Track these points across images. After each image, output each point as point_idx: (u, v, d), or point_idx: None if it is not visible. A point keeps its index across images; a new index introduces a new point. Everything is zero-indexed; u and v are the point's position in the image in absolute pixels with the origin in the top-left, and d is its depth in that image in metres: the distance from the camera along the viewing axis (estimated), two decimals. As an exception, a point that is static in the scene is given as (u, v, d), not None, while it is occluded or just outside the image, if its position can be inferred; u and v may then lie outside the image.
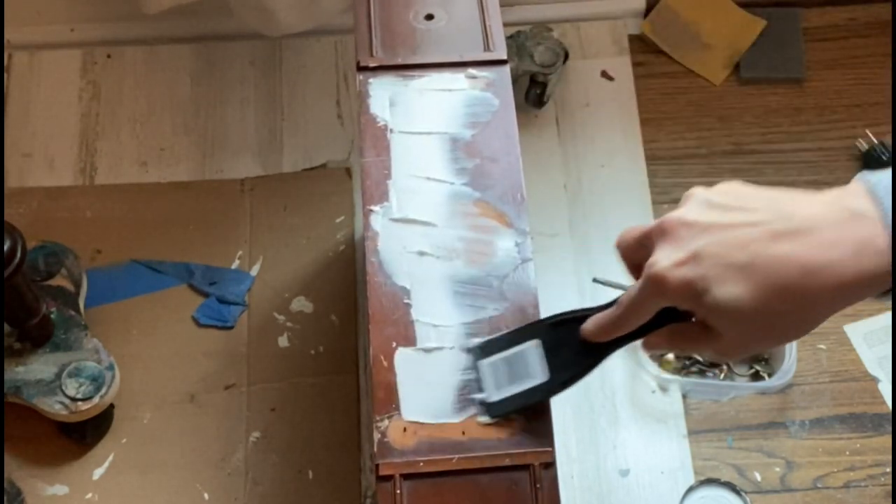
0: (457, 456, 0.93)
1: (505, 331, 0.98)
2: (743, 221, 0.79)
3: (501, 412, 0.95)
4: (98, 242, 1.46)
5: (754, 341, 0.81)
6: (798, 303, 0.77)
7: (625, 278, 1.40)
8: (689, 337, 0.87)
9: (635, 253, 0.89)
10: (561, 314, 0.96)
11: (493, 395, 0.95)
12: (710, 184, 1.49)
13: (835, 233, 0.76)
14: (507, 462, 0.93)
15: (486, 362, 0.97)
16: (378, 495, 0.92)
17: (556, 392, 0.95)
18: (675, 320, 0.88)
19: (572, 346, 0.94)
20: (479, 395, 0.96)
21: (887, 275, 0.74)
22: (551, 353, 0.95)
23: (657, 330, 0.89)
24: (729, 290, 0.78)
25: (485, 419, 0.95)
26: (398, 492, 0.92)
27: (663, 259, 0.81)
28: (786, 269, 0.76)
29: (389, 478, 0.92)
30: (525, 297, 1.00)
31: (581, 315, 0.95)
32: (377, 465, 0.93)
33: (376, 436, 0.94)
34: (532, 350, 0.96)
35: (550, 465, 0.93)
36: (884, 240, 0.74)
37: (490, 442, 0.94)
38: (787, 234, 0.77)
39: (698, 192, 0.84)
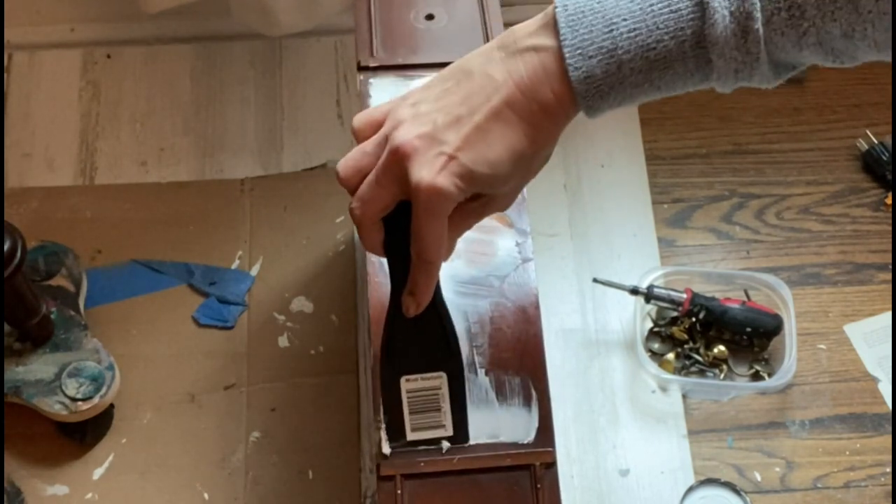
0: (458, 456, 0.93)
1: (381, 418, 0.95)
2: (459, 109, 0.84)
3: (465, 430, 0.95)
4: (98, 242, 1.46)
5: (517, 185, 0.88)
6: (542, 145, 0.85)
7: (625, 279, 1.41)
8: (469, 215, 0.90)
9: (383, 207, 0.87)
10: (382, 346, 0.93)
11: (446, 431, 0.94)
12: (711, 184, 1.51)
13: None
14: (508, 462, 0.93)
15: (409, 434, 0.95)
16: (379, 495, 0.92)
17: (460, 364, 0.94)
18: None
19: (417, 339, 0.93)
20: (443, 445, 0.94)
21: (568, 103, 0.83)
22: (418, 364, 0.94)
23: (448, 237, 0.88)
24: (489, 157, 0.82)
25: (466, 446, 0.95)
26: (399, 492, 0.92)
27: (425, 173, 0.82)
28: (528, 122, 0.83)
29: (391, 478, 0.93)
30: (526, 298, 1.00)
31: (391, 324, 0.92)
32: (378, 465, 0.93)
33: (377, 436, 0.94)
34: (409, 384, 0.94)
35: (551, 466, 0.94)
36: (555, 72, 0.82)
37: (491, 441, 0.94)
38: (497, 109, 0.83)
39: (398, 113, 0.86)
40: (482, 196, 0.88)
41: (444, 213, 0.84)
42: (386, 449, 0.94)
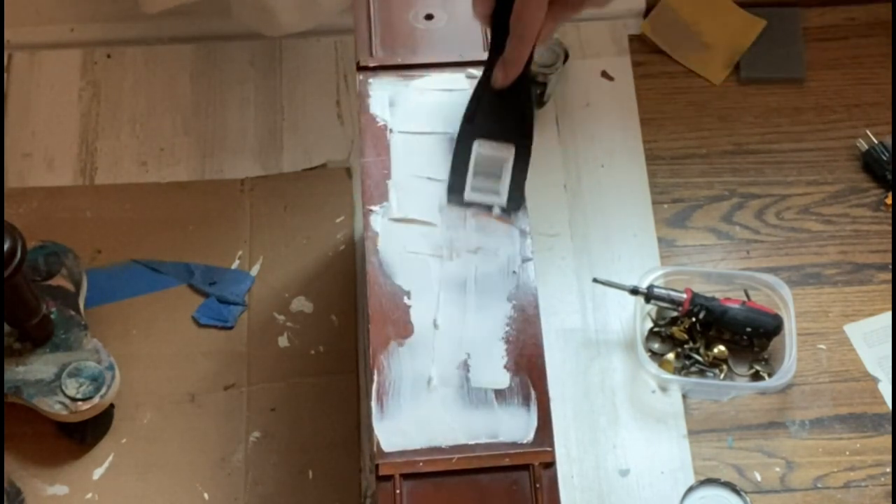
0: (457, 456, 0.94)
1: (448, 165, 1.03)
2: None
3: (518, 201, 1.01)
4: (98, 242, 1.46)
5: None
6: None
7: (625, 279, 1.41)
8: (568, 4, 0.97)
9: None
10: (466, 110, 1.03)
11: (500, 199, 1.01)
12: (711, 184, 1.51)
13: None
14: (507, 462, 0.94)
15: (467, 192, 1.02)
16: (378, 495, 0.92)
17: (530, 145, 1.02)
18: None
19: (500, 110, 1.01)
20: (495, 209, 1.02)
21: None
22: (494, 133, 1.02)
23: (545, 20, 0.96)
24: None
25: (511, 216, 1.02)
26: (398, 492, 0.92)
27: None
28: None
29: (389, 478, 0.93)
30: (525, 297, 1.01)
31: (481, 90, 1.02)
32: (377, 465, 0.93)
33: (376, 436, 0.94)
34: (480, 148, 1.02)
35: (550, 465, 0.94)
36: None
37: (490, 441, 0.94)
38: None
39: None
40: None
41: None
42: (443, 201, 1.02)
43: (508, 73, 1.00)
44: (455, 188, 1.03)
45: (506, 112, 1.03)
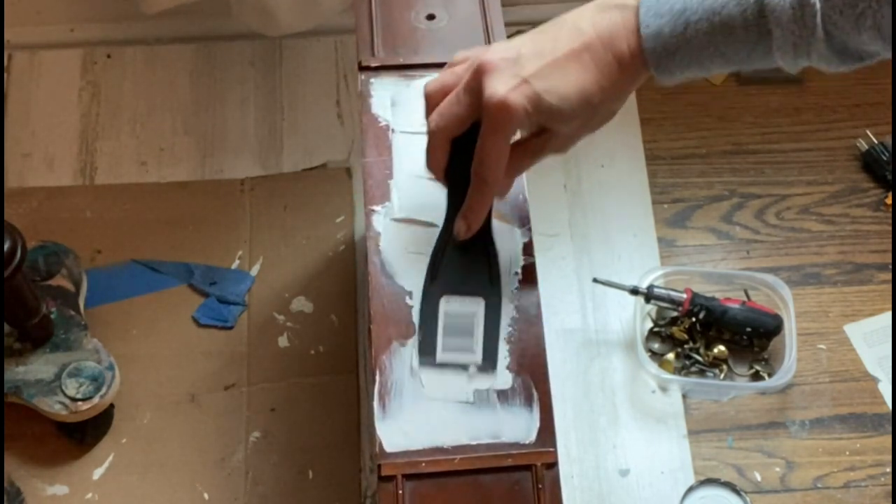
0: (459, 456, 0.93)
1: (413, 336, 0.99)
2: (545, 46, 0.92)
3: (494, 359, 0.98)
4: (98, 242, 1.46)
5: (580, 129, 0.95)
6: (608, 95, 0.92)
7: (625, 279, 1.41)
8: (529, 151, 0.97)
9: (457, 125, 0.95)
10: (429, 267, 1.01)
11: (475, 357, 0.98)
12: (711, 184, 1.51)
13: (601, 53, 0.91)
14: (509, 462, 0.93)
15: (440, 354, 0.98)
16: (380, 495, 0.92)
17: (499, 295, 1.00)
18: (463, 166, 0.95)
19: (464, 264, 1.00)
20: (471, 372, 0.97)
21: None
22: (461, 288, 1.00)
23: (506, 168, 0.95)
24: (560, 90, 0.91)
25: (491, 380, 0.97)
26: (400, 492, 0.92)
27: (499, 88, 0.91)
28: (599, 68, 0.91)
29: (392, 478, 0.92)
30: (528, 298, 1.00)
31: (441, 247, 1.01)
32: (379, 466, 0.93)
33: (378, 436, 0.94)
34: (448, 305, 1.00)
35: (553, 466, 0.93)
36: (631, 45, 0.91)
37: (492, 442, 0.94)
38: (576, 50, 0.91)
39: (493, 45, 0.96)
40: (544, 133, 0.96)
41: (508, 130, 0.92)
42: (415, 363, 0.97)
43: (471, 224, 0.98)
44: (426, 350, 0.98)
45: (471, 264, 1.01)
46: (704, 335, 1.41)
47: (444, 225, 1.01)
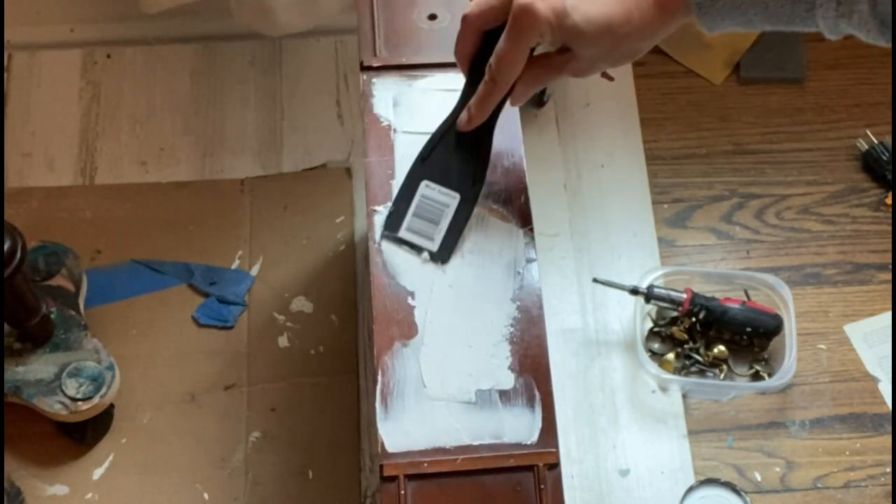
0: (461, 457, 0.93)
1: (390, 203, 1.03)
2: None
3: (449, 251, 1.01)
4: (98, 242, 1.46)
5: (601, 58, 0.97)
6: (636, 28, 0.94)
7: (625, 279, 1.41)
8: (549, 66, 0.99)
9: (489, 17, 0.99)
10: (425, 146, 1.04)
11: (432, 245, 1.02)
12: (711, 184, 1.51)
13: None
14: (511, 463, 0.93)
15: (402, 230, 1.02)
16: (382, 496, 0.92)
17: (474, 199, 1.02)
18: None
19: (455, 156, 1.03)
20: (422, 255, 1.01)
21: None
22: (444, 178, 1.03)
23: (520, 78, 0.98)
24: (587, 11, 0.93)
25: (441, 267, 1.01)
26: (402, 492, 0.92)
27: None
28: (615, 5, 0.93)
29: (394, 478, 0.92)
30: (529, 298, 1.00)
31: (442, 131, 1.03)
32: (381, 466, 0.93)
33: (380, 436, 0.94)
34: (426, 189, 1.03)
35: (555, 466, 0.94)
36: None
37: (494, 442, 0.94)
38: None
39: None
40: (567, 52, 0.97)
41: (528, 36, 0.94)
42: (377, 235, 1.02)
43: (473, 117, 1.01)
44: (392, 224, 1.02)
45: (462, 160, 1.03)
46: (704, 335, 1.41)
47: (451, 113, 1.04)
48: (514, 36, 0.95)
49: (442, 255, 1.01)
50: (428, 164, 1.04)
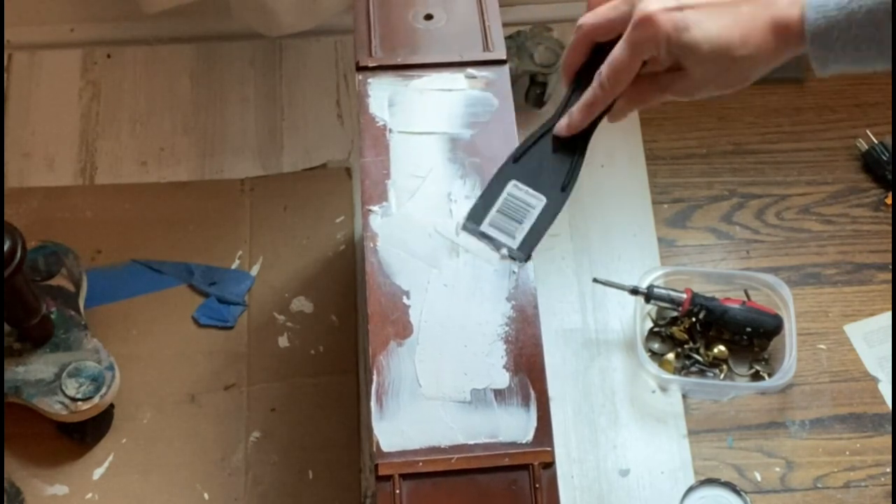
0: (456, 456, 0.94)
1: (477, 197, 1.04)
2: None
3: (529, 251, 1.02)
4: (98, 242, 1.46)
5: (711, 79, 0.96)
6: (751, 53, 0.94)
7: (625, 279, 1.41)
8: (656, 83, 1.00)
9: (606, 28, 1.00)
10: (519, 147, 1.05)
11: (513, 242, 1.02)
12: (711, 184, 1.51)
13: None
14: (506, 462, 0.93)
15: (485, 225, 1.03)
16: (377, 495, 0.92)
17: (562, 201, 1.03)
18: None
19: (548, 160, 1.04)
20: (501, 251, 1.02)
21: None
22: (532, 180, 1.04)
23: (624, 93, 1.00)
24: (708, 28, 0.93)
25: (512, 268, 1.02)
26: (397, 492, 0.92)
27: (654, 4, 0.94)
28: (752, 24, 0.93)
29: (389, 478, 0.93)
30: (524, 297, 1.00)
31: (539, 135, 1.04)
32: (376, 465, 0.93)
33: (375, 436, 0.94)
34: (514, 189, 1.04)
35: (550, 465, 0.94)
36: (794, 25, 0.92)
37: (489, 441, 0.94)
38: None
39: None
40: (677, 71, 0.98)
41: (645, 45, 0.95)
42: (459, 223, 1.04)
43: (573, 122, 1.03)
44: (475, 216, 1.04)
45: (554, 164, 1.04)
46: (704, 335, 1.41)
47: (551, 118, 1.05)
48: (630, 44, 0.96)
49: (520, 254, 1.02)
50: (519, 165, 1.04)
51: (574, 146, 1.04)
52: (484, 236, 1.03)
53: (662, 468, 1.35)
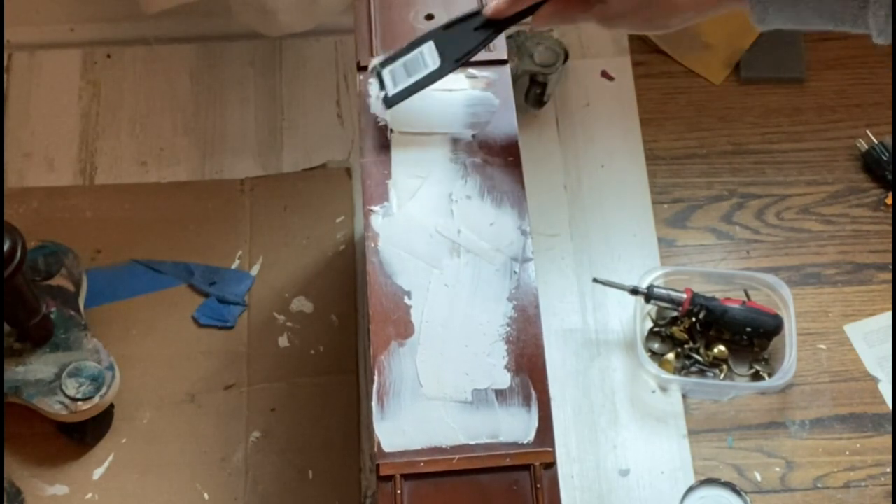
0: (457, 456, 0.94)
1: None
2: None
3: (396, 101, 1.07)
4: (98, 242, 1.46)
5: (629, 12, 0.97)
6: None
7: (625, 279, 1.41)
8: (585, 2, 1.02)
9: None
10: (453, 18, 1.09)
11: (391, 90, 1.07)
12: (711, 184, 1.51)
13: None
14: (507, 462, 0.93)
15: (386, 70, 1.08)
16: (379, 495, 0.92)
17: (448, 70, 1.07)
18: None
19: (467, 35, 1.07)
20: (381, 94, 1.07)
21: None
22: (446, 47, 1.07)
23: (552, 2, 1.03)
24: None
25: (383, 111, 1.07)
26: (399, 492, 0.92)
27: None
28: None
29: (390, 478, 0.93)
30: (526, 297, 1.00)
31: (474, 11, 1.08)
32: (378, 466, 0.93)
33: (377, 436, 0.94)
34: (426, 49, 1.08)
35: (551, 466, 0.94)
36: None
37: (491, 442, 0.94)
38: None
39: None
40: None
41: None
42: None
43: (498, 7, 1.05)
44: (386, 62, 1.09)
45: (466, 40, 1.08)
46: (704, 335, 1.41)
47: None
48: None
49: (390, 101, 1.07)
50: (446, 33, 1.08)
51: (487, 31, 1.08)
52: (379, 78, 1.08)
53: (662, 468, 1.35)
